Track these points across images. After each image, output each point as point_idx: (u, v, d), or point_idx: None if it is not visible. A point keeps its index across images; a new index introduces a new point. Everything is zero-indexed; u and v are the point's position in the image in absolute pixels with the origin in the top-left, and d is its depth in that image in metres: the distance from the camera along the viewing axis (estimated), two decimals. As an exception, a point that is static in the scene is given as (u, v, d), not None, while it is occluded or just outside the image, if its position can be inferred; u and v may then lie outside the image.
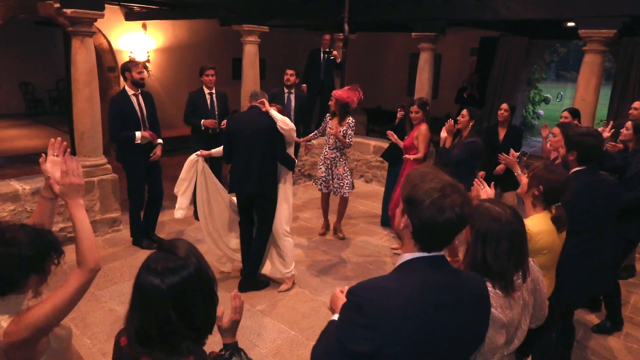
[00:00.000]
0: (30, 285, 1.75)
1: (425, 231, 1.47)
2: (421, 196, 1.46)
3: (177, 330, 1.44)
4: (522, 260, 1.96)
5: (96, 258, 1.83)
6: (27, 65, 14.50)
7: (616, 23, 5.58)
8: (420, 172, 1.56)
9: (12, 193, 5.01)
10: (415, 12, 7.41)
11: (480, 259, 1.92)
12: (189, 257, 1.49)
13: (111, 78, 9.65)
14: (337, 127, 5.62)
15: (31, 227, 1.79)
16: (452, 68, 11.45)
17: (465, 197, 1.49)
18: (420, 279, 1.48)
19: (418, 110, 5.32)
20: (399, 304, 1.42)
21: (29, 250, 1.69)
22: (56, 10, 5.18)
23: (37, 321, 1.66)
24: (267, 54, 10.11)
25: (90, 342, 3.79)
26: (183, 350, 1.49)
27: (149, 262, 1.48)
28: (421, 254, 1.51)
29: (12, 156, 9.46)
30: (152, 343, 1.46)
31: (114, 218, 5.89)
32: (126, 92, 5.18)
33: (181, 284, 1.43)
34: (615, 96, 9.46)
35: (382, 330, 1.39)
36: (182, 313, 1.44)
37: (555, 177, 2.68)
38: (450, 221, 1.44)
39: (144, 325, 1.45)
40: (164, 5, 8.43)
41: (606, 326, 4.29)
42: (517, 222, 1.97)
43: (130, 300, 1.50)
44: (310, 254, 5.62)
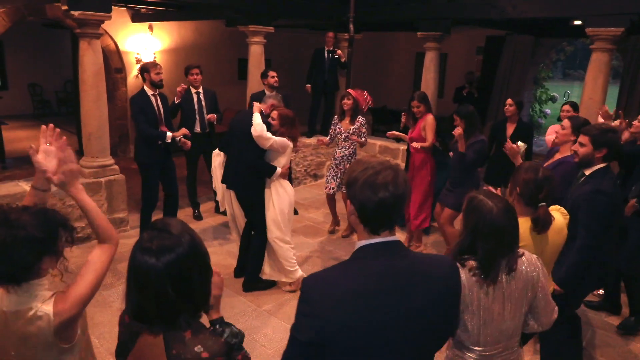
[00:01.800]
0: (46, 268, 1.73)
1: (366, 211, 1.49)
2: (356, 176, 1.50)
3: (175, 305, 1.46)
4: (508, 251, 2.02)
5: (114, 231, 1.93)
6: (35, 67, 14.59)
7: (624, 21, 5.54)
8: (358, 159, 1.61)
9: (20, 194, 5.05)
10: (421, 11, 7.39)
11: (467, 247, 2.04)
12: (182, 233, 1.51)
13: (118, 79, 9.70)
14: (348, 126, 5.71)
15: (36, 208, 1.76)
16: (457, 67, 11.41)
17: (398, 173, 1.49)
18: (367, 266, 1.50)
19: (419, 105, 5.32)
20: (339, 291, 1.45)
21: (38, 232, 1.65)
22: (64, 13, 5.21)
23: (83, 295, 1.73)
24: (272, 54, 10.13)
25: (98, 342, 3.82)
26: (182, 324, 1.50)
27: (143, 242, 1.48)
28: (373, 239, 1.52)
29: (20, 157, 9.52)
30: (150, 319, 1.49)
31: (121, 218, 5.92)
32: (145, 92, 5.32)
33: (177, 260, 1.45)
34: (623, 94, 9.40)
35: (323, 318, 1.41)
36: (180, 288, 1.46)
37: (529, 177, 2.60)
38: (385, 198, 1.45)
39: (141, 303, 1.47)
40: (170, 7, 8.46)
41: (631, 322, 4.23)
42: (507, 216, 2.02)
43: (126, 280, 1.52)
44: (317, 254, 5.63)
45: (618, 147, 3.18)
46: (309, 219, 6.74)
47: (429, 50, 7.56)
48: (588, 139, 3.14)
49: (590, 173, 3.17)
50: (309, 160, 8.31)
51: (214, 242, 5.81)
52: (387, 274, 1.48)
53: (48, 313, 1.67)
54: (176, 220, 1.57)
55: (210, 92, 6.35)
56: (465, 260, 2.05)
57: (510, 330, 2.11)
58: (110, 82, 9.20)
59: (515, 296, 2.07)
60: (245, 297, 4.60)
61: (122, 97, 9.79)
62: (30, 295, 1.69)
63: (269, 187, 4.54)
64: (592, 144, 3.12)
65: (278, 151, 4.41)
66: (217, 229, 6.19)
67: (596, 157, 3.14)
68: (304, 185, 8.32)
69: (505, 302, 2.05)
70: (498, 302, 2.04)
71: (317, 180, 8.48)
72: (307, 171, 8.35)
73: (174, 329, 1.50)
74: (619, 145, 3.20)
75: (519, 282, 2.08)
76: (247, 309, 4.40)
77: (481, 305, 2.03)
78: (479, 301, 2.03)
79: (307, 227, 6.45)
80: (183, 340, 1.49)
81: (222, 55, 10.95)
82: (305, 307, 1.46)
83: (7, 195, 4.99)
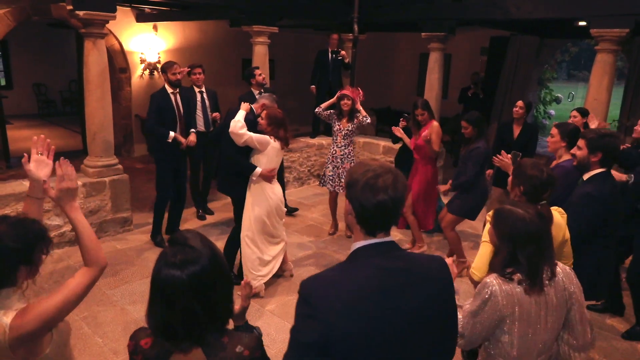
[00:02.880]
0: (21, 278, 1.72)
1: (365, 212, 1.52)
2: (356, 178, 1.53)
3: (201, 320, 1.46)
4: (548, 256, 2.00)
5: (103, 255, 1.87)
6: (40, 67, 14.65)
7: (628, 22, 5.53)
8: (359, 161, 1.63)
9: (24, 193, 5.03)
10: (426, 12, 7.38)
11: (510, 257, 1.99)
12: (203, 246, 1.51)
13: (122, 79, 9.74)
14: (346, 124, 5.77)
15: (14, 218, 1.76)
16: (462, 68, 11.40)
17: (398, 177, 1.53)
18: (366, 267, 1.51)
19: (423, 112, 5.38)
20: (343, 294, 1.45)
21: (14, 242, 1.66)
22: (69, 12, 5.23)
23: (45, 313, 1.66)
24: (276, 54, 10.14)
25: (102, 341, 3.83)
26: (210, 341, 1.50)
27: (167, 257, 1.47)
28: (369, 240, 1.55)
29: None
30: (177, 336, 1.47)
31: (125, 218, 5.94)
32: (165, 89, 5.50)
33: (200, 273, 1.45)
34: (628, 95, 9.37)
35: (327, 321, 1.41)
36: (204, 302, 1.46)
37: (534, 174, 2.63)
38: (384, 202, 1.49)
39: (168, 320, 1.45)
40: (174, 7, 8.48)
41: (637, 330, 4.19)
42: (541, 220, 2.01)
43: (150, 298, 1.50)
44: (320, 254, 5.63)
45: (614, 151, 3.16)
46: (311, 219, 6.75)
47: (433, 51, 7.54)
48: (584, 143, 3.18)
49: (588, 178, 3.20)
50: (312, 160, 8.31)
51: (217, 241, 5.81)
52: (385, 274, 1.50)
53: (4, 325, 1.63)
54: (194, 232, 1.57)
55: (211, 91, 6.41)
56: (512, 274, 2.02)
57: (548, 342, 2.09)
58: (115, 82, 9.23)
59: (554, 305, 2.05)
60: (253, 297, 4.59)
61: (127, 96, 9.83)
62: (1, 302, 1.67)
63: (250, 188, 4.49)
64: (588, 148, 3.15)
65: (257, 148, 4.36)
66: (217, 228, 6.20)
67: (592, 161, 3.16)
68: (307, 185, 8.33)
69: (547, 312, 2.03)
70: (543, 311, 2.02)
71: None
72: (310, 171, 8.35)
73: (204, 345, 1.50)
74: (615, 150, 3.17)
75: (558, 291, 2.06)
76: (250, 309, 4.37)
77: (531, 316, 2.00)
78: (528, 313, 1.99)
79: (309, 227, 6.45)
80: (222, 345, 1.50)
81: (226, 55, 10.97)
82: (306, 308, 1.45)
83: (12, 194, 5.01)
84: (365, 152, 8.45)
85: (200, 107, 6.21)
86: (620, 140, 3.60)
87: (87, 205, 5.53)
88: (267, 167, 4.41)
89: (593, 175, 3.17)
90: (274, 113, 4.42)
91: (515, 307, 1.97)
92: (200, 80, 6.19)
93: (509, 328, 2.01)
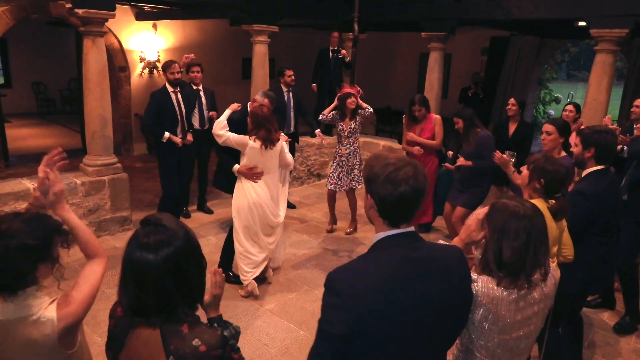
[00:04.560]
0: (42, 275, 1.70)
1: (387, 206, 1.55)
2: (376, 172, 1.55)
3: (174, 297, 1.48)
4: (541, 255, 1.92)
5: (102, 246, 1.93)
6: (39, 65, 14.62)
7: (628, 23, 5.52)
8: (375, 154, 1.64)
9: (24, 192, 5.07)
10: (426, 11, 7.38)
11: (496, 254, 1.90)
12: (177, 227, 1.52)
13: (122, 78, 9.73)
14: (349, 123, 5.77)
15: (27, 214, 1.73)
16: (462, 68, 11.39)
17: (418, 169, 1.55)
18: (392, 256, 1.55)
19: (420, 108, 5.42)
20: (371, 283, 1.47)
21: (31, 239, 1.63)
22: (68, 11, 5.23)
23: (87, 298, 1.74)
24: (276, 53, 10.12)
25: (101, 340, 3.82)
26: (180, 316, 1.52)
27: (139, 238, 1.48)
28: (392, 231, 1.58)
29: (24, 155, 9.55)
30: (149, 312, 1.49)
31: (124, 217, 5.93)
32: (166, 88, 5.55)
33: (175, 254, 1.47)
34: (627, 96, 9.36)
35: (357, 311, 1.43)
36: (178, 281, 1.47)
37: (554, 168, 2.72)
38: (406, 193, 1.51)
39: (140, 297, 1.47)
40: (174, 5, 8.47)
41: (626, 321, 4.26)
42: (537, 216, 1.95)
43: (121, 276, 1.51)
44: (320, 253, 5.63)
45: (608, 147, 3.15)
46: (312, 218, 6.74)
47: (433, 51, 7.54)
48: (579, 139, 3.22)
49: (585, 175, 3.21)
50: (312, 159, 8.31)
51: (212, 239, 5.81)
52: (408, 263, 1.54)
53: (51, 318, 1.65)
54: (168, 215, 1.58)
55: (209, 90, 6.45)
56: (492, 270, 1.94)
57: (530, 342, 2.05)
58: (114, 81, 9.22)
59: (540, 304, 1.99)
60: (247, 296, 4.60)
61: (126, 95, 9.82)
62: (28, 302, 1.66)
63: (236, 184, 4.56)
64: (582, 144, 3.19)
65: (236, 148, 4.40)
66: (213, 227, 6.19)
67: (586, 156, 3.18)
68: (307, 184, 8.32)
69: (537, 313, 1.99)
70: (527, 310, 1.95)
71: (320, 179, 8.48)
72: (310, 171, 8.35)
73: (172, 322, 1.50)
74: (609, 146, 3.16)
75: (550, 289, 2.02)
76: (250, 308, 4.40)
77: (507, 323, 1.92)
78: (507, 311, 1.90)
79: (310, 226, 6.45)
80: (180, 335, 1.49)
81: (226, 54, 10.96)
82: (334, 299, 1.47)
83: (11, 193, 5.01)
84: (365, 151, 8.43)
85: (197, 105, 6.24)
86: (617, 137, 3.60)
87: (86, 204, 5.53)
88: (247, 166, 4.40)
89: (589, 173, 3.18)
90: (255, 112, 4.36)
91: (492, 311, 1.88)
92: (198, 78, 6.23)
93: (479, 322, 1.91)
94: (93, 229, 5.61)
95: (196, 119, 6.23)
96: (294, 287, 4.82)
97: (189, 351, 1.47)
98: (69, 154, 2.20)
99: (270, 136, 4.32)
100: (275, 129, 4.37)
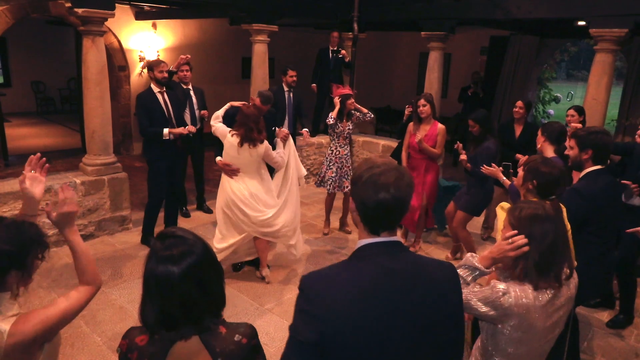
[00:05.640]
0: (11, 282, 1.66)
1: (367, 210, 1.49)
2: (360, 174, 1.50)
3: (200, 305, 1.49)
4: (566, 254, 1.96)
5: (99, 276, 1.92)
6: (39, 64, 14.61)
7: (628, 22, 5.52)
8: (366, 158, 1.60)
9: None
10: (426, 11, 7.37)
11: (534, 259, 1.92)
12: (194, 237, 1.56)
13: (121, 77, 9.72)
14: (346, 124, 5.76)
15: (10, 220, 1.72)
16: (461, 67, 11.40)
17: (403, 176, 1.48)
18: (371, 266, 1.48)
19: (425, 104, 5.33)
20: (344, 294, 1.42)
21: (8, 245, 1.61)
22: (67, 10, 5.23)
23: (48, 320, 1.65)
24: (276, 53, 10.12)
25: (100, 340, 3.82)
26: (209, 324, 1.53)
27: (159, 252, 1.48)
28: (372, 238, 1.52)
29: (23, 154, 9.52)
30: (177, 323, 1.49)
31: (123, 216, 5.93)
32: (152, 89, 5.34)
33: (197, 263, 1.49)
34: (627, 96, 9.37)
35: (326, 321, 1.38)
36: (202, 289, 1.49)
37: (548, 170, 2.71)
38: (384, 199, 1.45)
39: (165, 310, 1.47)
40: (173, 5, 8.46)
41: (619, 319, 4.30)
42: (558, 218, 1.98)
43: (145, 295, 1.51)
44: (317, 252, 5.63)
45: (605, 147, 3.19)
46: (310, 218, 6.75)
47: (432, 50, 7.54)
48: (574, 142, 3.22)
49: (582, 175, 3.23)
50: (312, 159, 8.30)
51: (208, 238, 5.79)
52: (388, 275, 1.46)
53: (2, 331, 1.58)
54: (179, 227, 1.61)
55: (199, 89, 6.39)
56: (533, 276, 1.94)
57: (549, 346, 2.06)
58: (114, 80, 9.22)
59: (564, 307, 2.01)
60: (247, 296, 4.60)
61: (126, 94, 9.81)
62: None
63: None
64: (578, 146, 3.19)
65: (221, 139, 4.55)
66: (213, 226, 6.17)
67: (583, 158, 3.19)
68: (306, 184, 8.31)
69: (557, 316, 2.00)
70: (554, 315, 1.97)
71: (319, 179, 8.48)
72: (310, 170, 8.34)
73: (204, 331, 1.52)
74: (606, 146, 3.19)
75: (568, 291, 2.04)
76: (250, 307, 4.41)
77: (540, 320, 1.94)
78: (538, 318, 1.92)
79: (307, 225, 6.45)
80: (221, 336, 1.53)
81: (225, 53, 10.96)
82: (304, 305, 1.43)
83: (10, 193, 5.00)
84: (365, 151, 8.44)
85: (188, 105, 6.19)
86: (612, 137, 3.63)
87: (85, 203, 5.53)
88: (223, 160, 4.54)
89: (588, 172, 3.20)
90: (243, 109, 4.43)
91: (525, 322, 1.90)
92: (188, 77, 6.16)
93: (510, 331, 1.95)
94: (92, 229, 5.62)
95: (188, 118, 6.18)
96: (294, 287, 4.82)
97: (234, 347, 1.52)
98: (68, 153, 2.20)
99: (250, 135, 4.34)
100: (258, 130, 4.35)
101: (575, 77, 26.94)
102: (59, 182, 5.33)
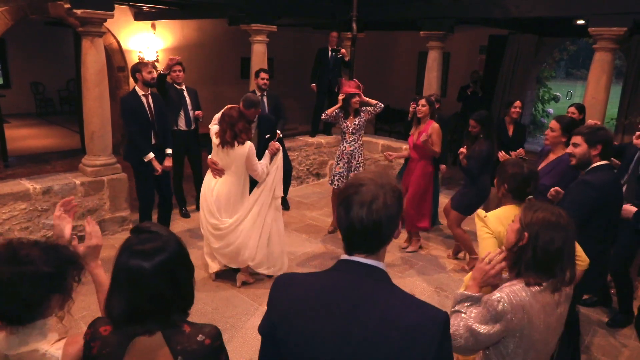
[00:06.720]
0: (54, 307, 1.63)
1: (341, 230, 1.42)
2: (345, 188, 1.42)
3: (169, 301, 1.51)
4: (571, 258, 1.95)
5: None
6: (38, 65, 14.62)
7: (627, 21, 5.53)
8: (365, 171, 1.58)
9: (23, 192, 5.06)
10: (425, 10, 7.38)
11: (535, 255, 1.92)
12: (169, 234, 1.57)
13: (121, 78, 9.72)
14: (353, 120, 5.75)
15: (44, 243, 1.68)
16: (460, 66, 11.40)
17: (379, 197, 1.34)
18: (335, 278, 1.43)
19: (425, 104, 5.34)
20: (294, 294, 1.46)
21: (47, 267, 1.56)
22: (66, 11, 5.22)
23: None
24: (275, 53, 10.12)
25: (101, 340, 3.82)
26: (175, 321, 1.54)
27: (133, 245, 1.50)
28: (346, 256, 1.44)
29: (22, 155, 9.54)
30: (144, 317, 1.49)
31: (123, 217, 5.93)
32: (136, 92, 5.14)
33: (169, 260, 1.50)
34: (626, 94, 9.38)
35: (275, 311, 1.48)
36: (172, 286, 1.51)
37: (515, 170, 2.71)
38: (353, 221, 1.35)
39: (133, 303, 1.48)
40: (172, 5, 8.47)
41: (619, 318, 4.31)
42: (569, 222, 1.97)
43: (113, 284, 1.51)
44: (320, 253, 5.63)
45: (612, 142, 3.26)
46: (310, 218, 6.74)
47: (431, 50, 7.54)
48: (581, 138, 3.21)
49: (590, 169, 3.22)
50: (311, 159, 8.30)
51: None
52: (346, 292, 1.38)
53: (57, 356, 1.58)
54: (155, 223, 1.64)
55: (192, 90, 6.36)
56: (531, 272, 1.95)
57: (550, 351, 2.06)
58: (113, 81, 9.21)
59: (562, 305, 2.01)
60: (247, 296, 4.60)
61: (125, 95, 9.81)
62: (34, 336, 1.59)
63: None
64: (587, 143, 3.19)
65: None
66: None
67: (592, 154, 3.20)
68: (306, 184, 8.32)
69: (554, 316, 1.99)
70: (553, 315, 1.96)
71: (319, 179, 8.48)
72: (309, 170, 8.35)
73: (169, 327, 1.52)
74: (612, 142, 3.28)
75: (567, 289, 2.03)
76: (250, 308, 4.40)
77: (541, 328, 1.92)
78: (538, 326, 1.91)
79: (308, 225, 6.45)
80: (184, 334, 1.52)
81: (224, 54, 10.96)
82: (268, 300, 1.52)
83: (10, 194, 5.00)
84: (365, 150, 8.41)
85: (182, 106, 6.17)
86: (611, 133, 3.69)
87: (85, 204, 5.52)
88: (210, 158, 4.62)
89: (594, 167, 3.20)
90: (224, 111, 4.47)
91: (524, 322, 1.89)
92: (181, 77, 6.12)
93: (517, 343, 1.93)
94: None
95: (182, 119, 6.17)
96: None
97: (196, 347, 1.51)
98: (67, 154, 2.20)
99: (224, 136, 4.36)
100: (233, 133, 4.32)
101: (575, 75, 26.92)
102: (59, 183, 5.33)
